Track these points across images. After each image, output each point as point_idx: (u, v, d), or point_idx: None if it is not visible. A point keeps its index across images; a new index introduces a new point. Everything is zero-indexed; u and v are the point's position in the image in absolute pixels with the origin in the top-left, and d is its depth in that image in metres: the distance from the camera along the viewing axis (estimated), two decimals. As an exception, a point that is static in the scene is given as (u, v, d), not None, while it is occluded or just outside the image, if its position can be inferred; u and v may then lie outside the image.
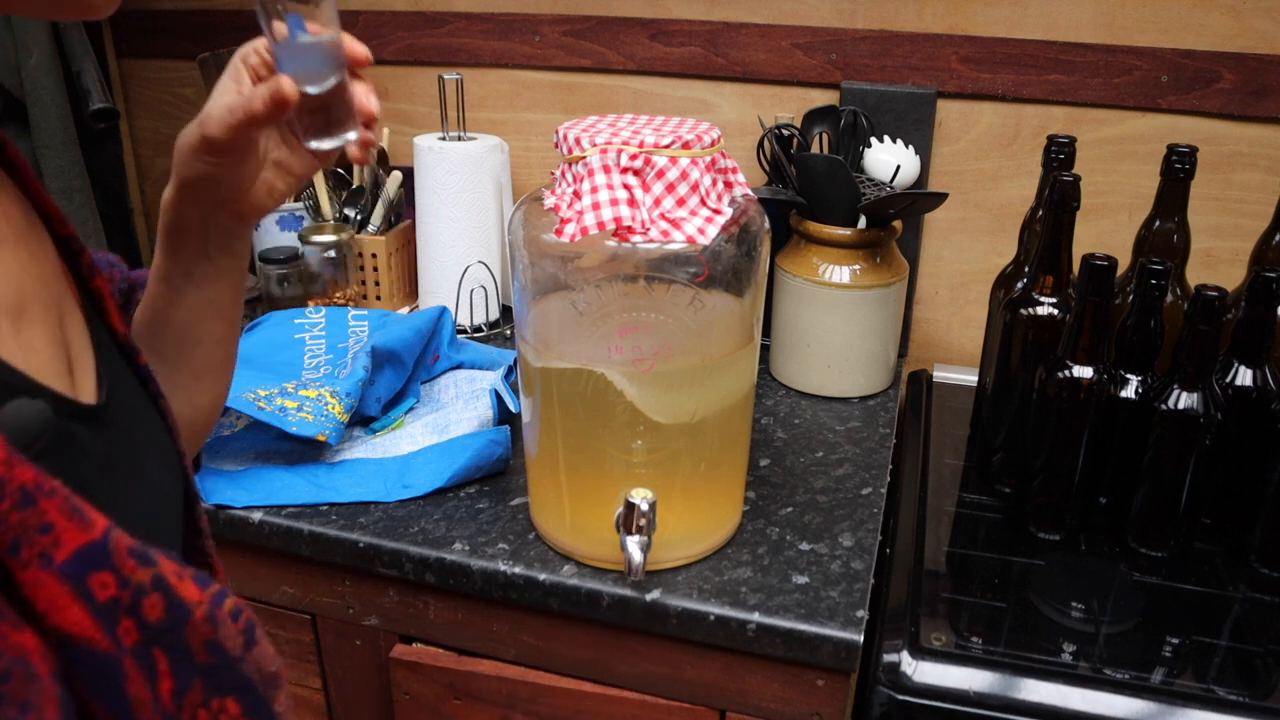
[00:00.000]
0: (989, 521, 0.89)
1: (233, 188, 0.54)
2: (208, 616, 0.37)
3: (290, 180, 0.57)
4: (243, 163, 0.53)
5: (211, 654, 0.37)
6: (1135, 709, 0.67)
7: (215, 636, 0.37)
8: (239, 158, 0.53)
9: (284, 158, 0.56)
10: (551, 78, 1.27)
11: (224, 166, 0.52)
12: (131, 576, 0.34)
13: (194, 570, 0.39)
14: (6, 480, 0.30)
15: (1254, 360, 0.80)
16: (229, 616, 0.38)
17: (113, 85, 1.42)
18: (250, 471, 0.87)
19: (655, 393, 0.71)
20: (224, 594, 0.39)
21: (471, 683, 0.83)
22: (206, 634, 0.37)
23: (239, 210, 0.56)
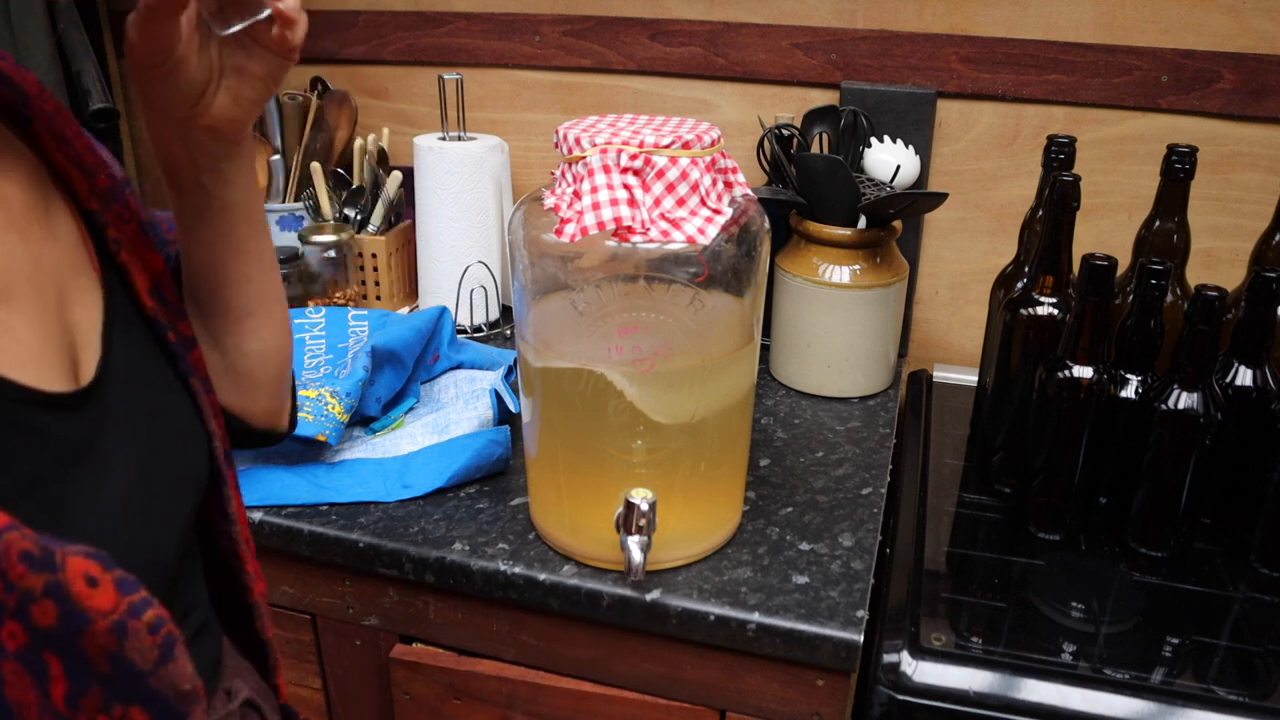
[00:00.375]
0: (989, 521, 0.89)
1: (189, 97, 0.50)
2: (113, 627, 0.36)
3: (257, 85, 0.52)
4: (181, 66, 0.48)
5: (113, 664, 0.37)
6: (1135, 709, 0.67)
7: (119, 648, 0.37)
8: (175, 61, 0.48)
9: (241, 61, 0.51)
10: (551, 78, 1.27)
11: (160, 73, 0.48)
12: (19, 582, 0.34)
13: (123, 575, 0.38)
14: None
15: (1254, 360, 0.80)
16: (145, 629, 0.38)
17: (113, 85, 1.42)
18: (250, 471, 0.87)
19: (655, 393, 0.71)
20: (145, 605, 0.38)
21: (471, 683, 0.83)
22: (108, 644, 0.36)
23: (211, 126, 0.52)
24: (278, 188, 1.27)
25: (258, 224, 0.59)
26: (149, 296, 0.51)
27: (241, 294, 0.59)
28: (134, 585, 0.38)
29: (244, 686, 0.58)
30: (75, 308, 0.47)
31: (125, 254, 0.50)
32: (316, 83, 1.29)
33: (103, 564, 0.37)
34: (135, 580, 0.39)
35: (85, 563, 0.36)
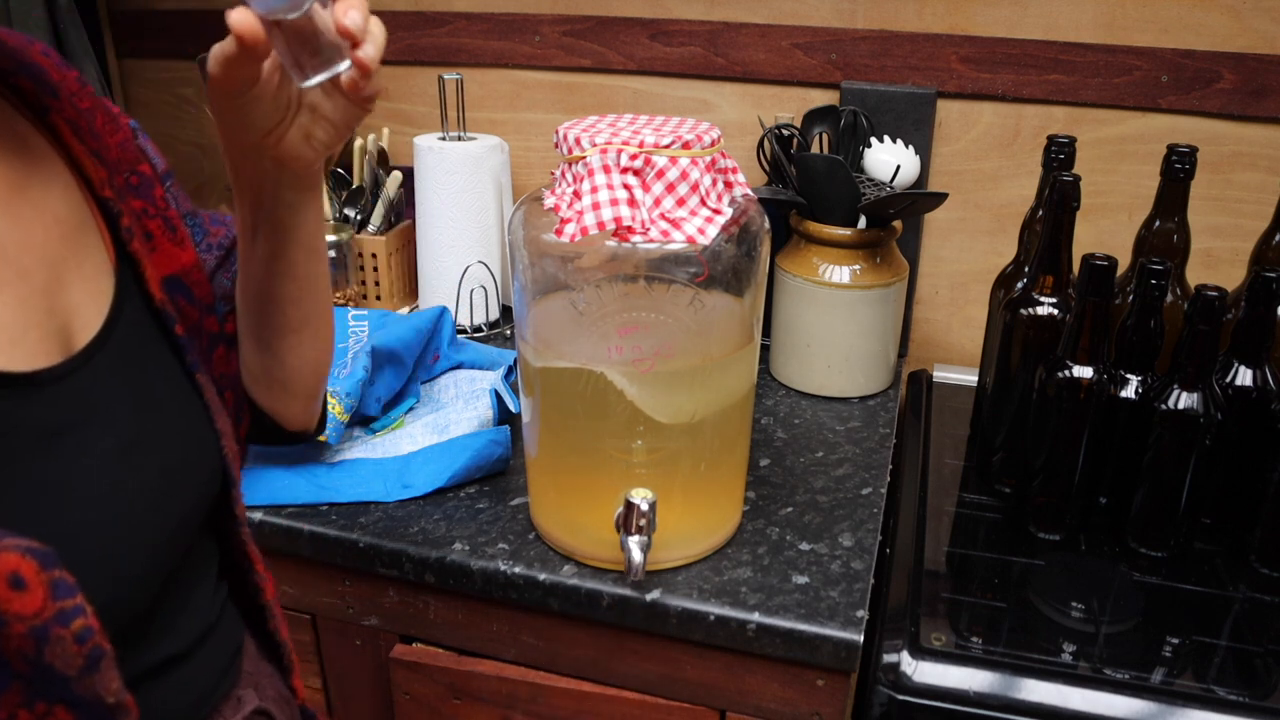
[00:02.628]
0: (989, 521, 0.89)
1: (261, 129, 0.52)
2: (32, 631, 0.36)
3: (329, 128, 0.54)
4: (259, 101, 0.51)
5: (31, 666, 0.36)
6: (1135, 709, 0.67)
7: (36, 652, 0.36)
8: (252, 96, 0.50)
9: (317, 102, 0.53)
10: (551, 78, 1.27)
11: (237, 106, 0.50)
12: None
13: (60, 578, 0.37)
14: None
15: (1254, 360, 0.80)
16: (72, 638, 0.37)
17: (113, 85, 1.42)
18: (250, 471, 0.87)
19: (655, 393, 0.71)
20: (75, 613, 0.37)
21: (471, 683, 0.83)
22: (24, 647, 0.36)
23: (278, 157, 0.54)
24: (278, 188, 1.27)
25: (314, 251, 0.59)
26: (159, 289, 0.51)
27: (289, 313, 0.60)
28: (70, 590, 0.38)
29: (254, 697, 0.57)
30: (73, 291, 0.46)
31: (137, 244, 0.51)
32: (316, 83, 1.29)
33: (40, 563, 0.37)
34: (74, 585, 0.38)
35: (19, 560, 0.36)
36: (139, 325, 0.50)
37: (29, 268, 0.44)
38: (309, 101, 0.53)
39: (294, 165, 0.54)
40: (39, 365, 0.43)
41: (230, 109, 0.50)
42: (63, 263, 0.46)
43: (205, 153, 1.47)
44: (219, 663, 0.55)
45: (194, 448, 0.52)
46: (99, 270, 0.49)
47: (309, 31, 0.48)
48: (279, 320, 0.60)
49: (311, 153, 0.54)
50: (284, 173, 0.55)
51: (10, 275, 0.43)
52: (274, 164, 0.54)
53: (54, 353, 0.44)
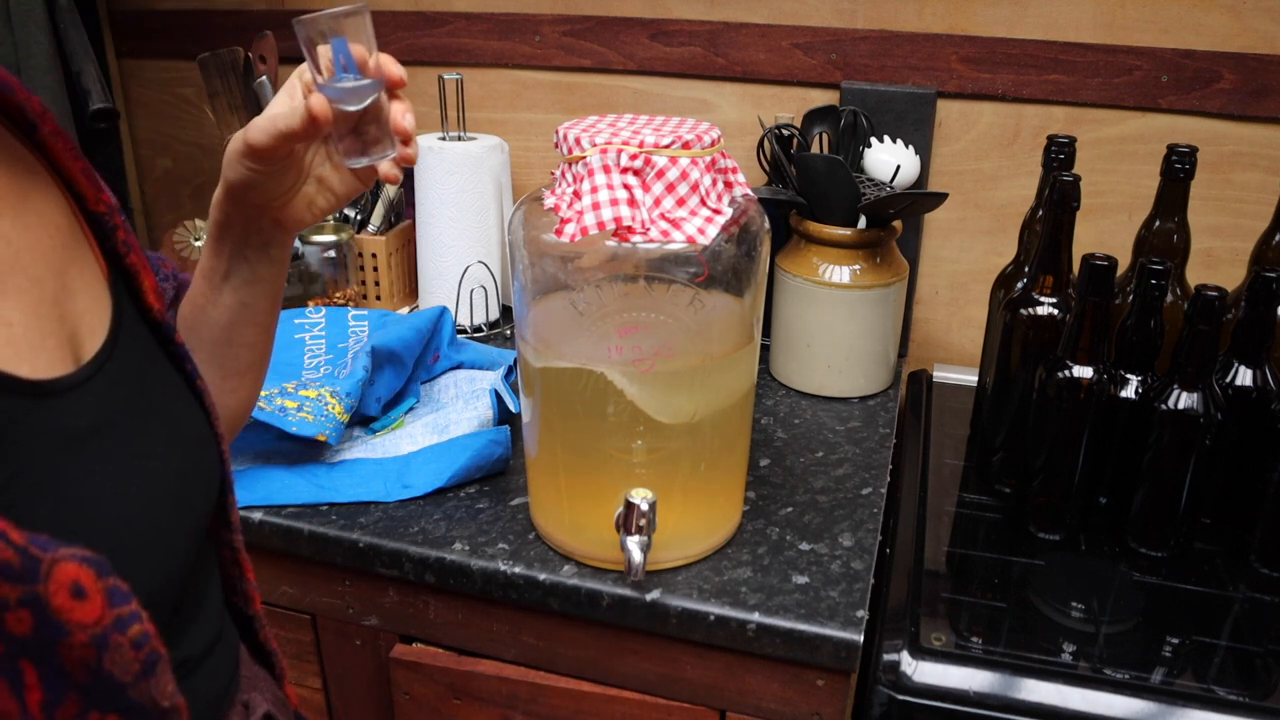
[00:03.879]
0: (989, 521, 0.89)
1: (273, 195, 0.57)
2: (93, 640, 0.36)
3: (330, 198, 0.59)
4: (284, 173, 0.56)
5: (91, 675, 0.37)
6: (1135, 709, 0.67)
7: (97, 660, 0.37)
8: (280, 167, 0.55)
9: (327, 174, 0.58)
10: (551, 78, 1.27)
11: (265, 174, 0.55)
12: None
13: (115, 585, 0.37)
14: None
15: (1254, 360, 0.80)
16: (130, 644, 0.38)
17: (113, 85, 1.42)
18: (250, 471, 0.87)
19: (655, 393, 0.71)
20: (132, 619, 0.38)
21: (471, 683, 0.83)
22: (86, 656, 0.36)
23: (278, 219, 0.58)
24: (278, 188, 1.27)
25: (278, 299, 0.64)
26: (155, 299, 0.52)
27: (242, 357, 0.63)
28: (125, 597, 0.38)
29: (262, 701, 0.58)
30: (79, 298, 0.47)
31: (134, 257, 0.51)
32: (316, 83, 1.29)
33: (97, 571, 0.37)
34: (128, 592, 0.38)
35: (77, 569, 0.36)
36: (138, 335, 0.50)
37: (41, 275, 0.45)
38: (317, 173, 0.58)
39: (291, 227, 0.59)
40: (58, 373, 0.43)
41: (251, 173, 0.55)
42: (67, 272, 0.47)
43: (205, 153, 1.47)
44: (227, 667, 0.55)
45: (200, 453, 0.52)
46: (96, 281, 0.49)
47: (366, 121, 0.55)
48: (231, 364, 0.63)
49: (310, 218, 0.59)
50: (277, 230, 0.59)
51: (26, 283, 0.44)
52: (272, 224, 0.59)
53: (67, 360, 0.44)
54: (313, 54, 0.53)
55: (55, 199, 0.49)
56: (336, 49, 0.52)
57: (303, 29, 0.52)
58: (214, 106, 1.27)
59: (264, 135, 0.53)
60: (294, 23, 0.52)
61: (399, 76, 0.55)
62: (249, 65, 1.26)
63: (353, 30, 0.52)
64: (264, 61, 1.24)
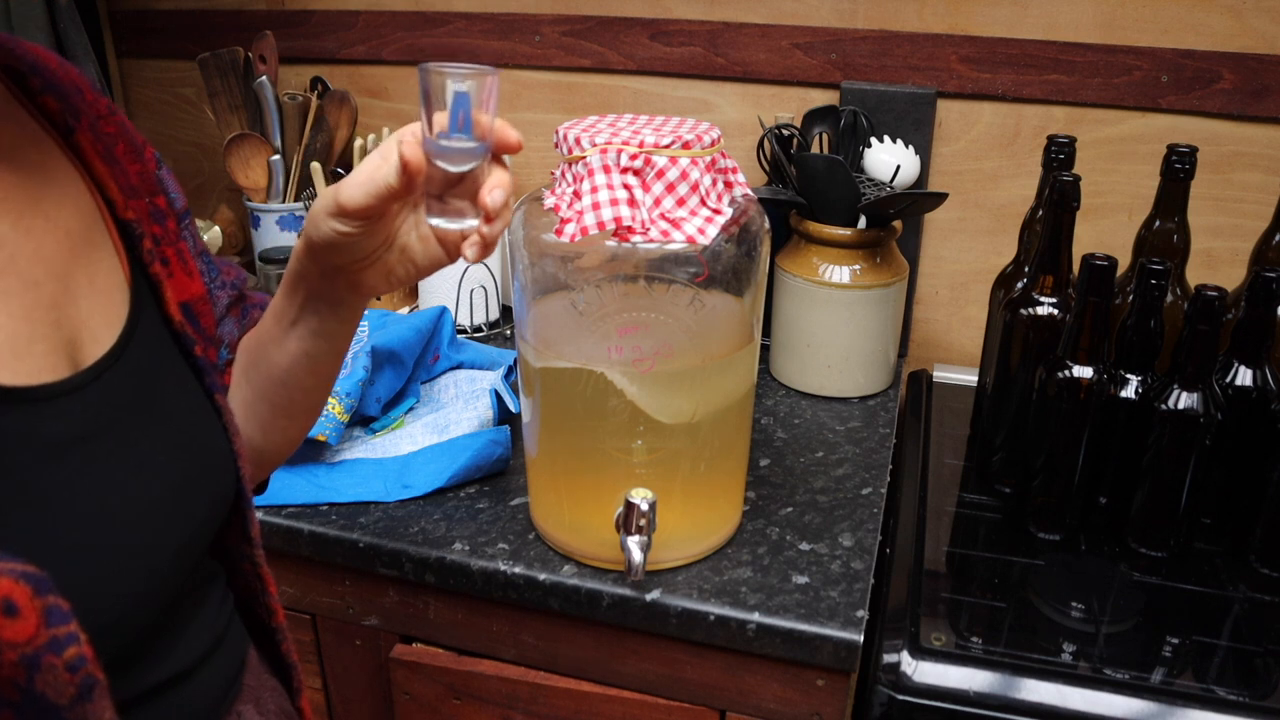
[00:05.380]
0: (989, 521, 0.89)
1: (354, 258, 0.55)
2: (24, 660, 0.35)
3: (411, 269, 0.57)
4: (370, 237, 0.54)
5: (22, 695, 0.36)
6: (1135, 709, 0.67)
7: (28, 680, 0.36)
8: (368, 231, 0.53)
9: (411, 244, 0.56)
10: (551, 78, 1.27)
11: (353, 236, 0.53)
12: None
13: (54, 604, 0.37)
14: None
15: (1254, 360, 0.80)
16: (64, 666, 0.37)
17: (113, 85, 1.42)
18: (250, 471, 0.87)
19: (655, 393, 0.71)
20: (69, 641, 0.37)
21: (471, 683, 0.83)
22: (16, 676, 0.35)
23: (355, 282, 0.57)
24: (278, 188, 1.27)
25: (343, 354, 0.62)
26: (178, 311, 0.52)
27: (298, 400, 0.62)
28: (64, 617, 0.37)
29: (254, 713, 0.57)
30: (82, 304, 0.47)
31: (158, 266, 0.51)
32: (316, 83, 1.29)
33: (34, 588, 0.36)
34: (68, 611, 0.37)
35: (10, 585, 0.35)
36: (156, 344, 0.50)
37: (39, 279, 0.44)
38: (401, 243, 0.56)
39: (366, 293, 0.58)
40: (44, 379, 0.42)
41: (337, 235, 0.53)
42: (72, 276, 0.46)
43: (205, 153, 1.47)
44: (222, 678, 0.55)
45: (209, 466, 0.52)
46: (112, 286, 0.49)
47: (459, 183, 0.52)
48: (285, 404, 0.62)
49: (387, 287, 0.57)
50: (351, 294, 0.58)
51: (18, 286, 0.43)
52: (347, 286, 0.57)
53: (60, 367, 0.44)
54: (429, 104, 0.49)
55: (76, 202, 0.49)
56: (458, 103, 0.49)
57: (427, 77, 0.49)
58: (214, 106, 1.27)
59: (359, 191, 0.51)
60: (420, 69, 0.49)
61: (516, 141, 0.52)
62: (249, 65, 1.26)
63: (478, 91, 0.49)
64: (264, 61, 1.24)
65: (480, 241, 0.53)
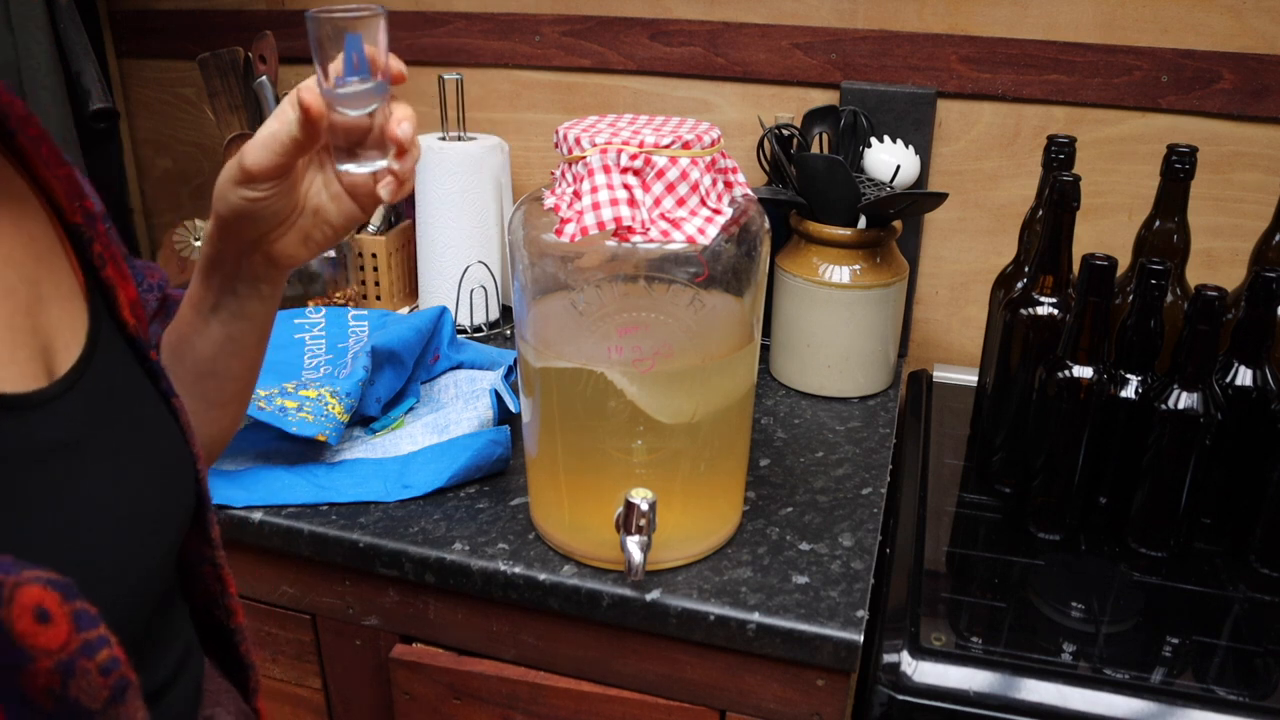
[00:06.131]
0: (989, 521, 0.89)
1: (267, 228, 0.54)
2: (59, 666, 0.35)
3: (327, 230, 0.57)
4: (281, 199, 0.53)
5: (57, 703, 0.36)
6: (1135, 709, 0.67)
7: (63, 687, 0.35)
8: (277, 194, 0.53)
9: (324, 205, 0.56)
10: (551, 78, 1.27)
11: (261, 202, 0.53)
12: None
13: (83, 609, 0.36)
14: None
15: (1254, 360, 0.80)
16: (97, 669, 0.37)
17: (113, 85, 1.42)
18: (250, 471, 0.87)
19: (655, 393, 0.71)
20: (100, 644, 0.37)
21: (471, 683, 0.83)
22: (51, 683, 0.35)
23: (271, 255, 0.56)
24: (278, 188, 1.27)
25: (267, 334, 0.61)
26: (130, 314, 0.51)
27: (226, 389, 0.62)
28: (93, 621, 0.37)
29: (224, 715, 0.57)
30: (52, 309, 0.46)
31: (110, 270, 0.50)
32: (316, 83, 1.29)
33: (63, 594, 0.36)
34: (96, 615, 0.37)
35: (41, 593, 0.35)
36: (115, 350, 0.49)
37: (13, 285, 0.43)
38: (313, 205, 0.56)
39: (285, 264, 0.57)
40: (29, 387, 0.42)
41: (246, 202, 0.52)
42: (40, 283, 0.45)
43: (205, 153, 1.47)
44: (192, 686, 0.54)
45: (176, 470, 0.51)
46: (72, 293, 0.48)
47: (364, 128, 0.52)
48: (216, 395, 0.61)
49: (305, 254, 0.57)
50: (270, 268, 0.57)
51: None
52: (264, 260, 0.57)
53: (40, 375, 0.43)
54: (322, 53, 0.50)
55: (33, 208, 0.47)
56: (350, 45, 0.50)
57: (315, 26, 0.50)
58: (214, 106, 1.27)
59: (263, 152, 0.51)
60: (307, 17, 0.49)
61: (399, 72, 0.53)
62: (249, 65, 1.26)
63: (368, 32, 0.50)
64: (264, 61, 1.24)
65: (394, 180, 0.53)
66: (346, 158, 0.53)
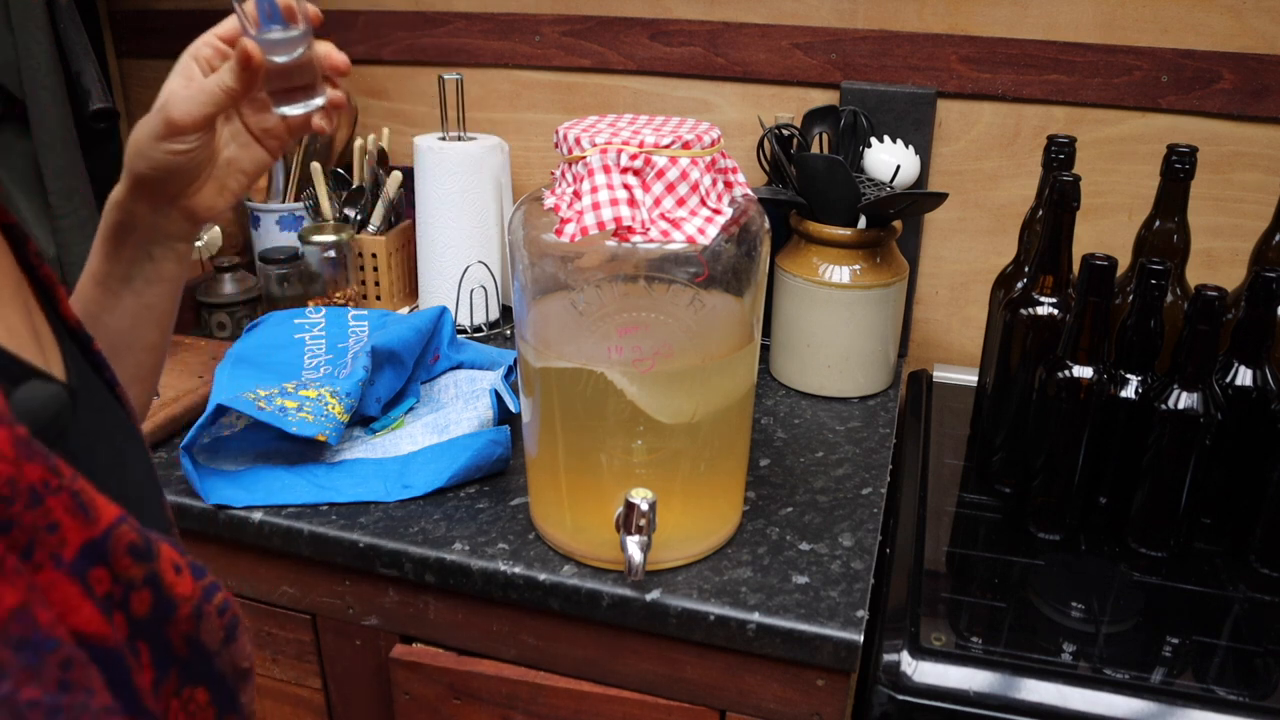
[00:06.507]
0: (989, 521, 0.89)
1: (186, 183, 0.56)
2: (193, 612, 0.37)
3: (241, 178, 0.58)
4: (203, 152, 0.55)
5: (190, 647, 0.38)
6: (1135, 709, 0.67)
7: (196, 631, 0.38)
8: (200, 146, 0.54)
9: (235, 154, 0.58)
10: (551, 78, 1.27)
11: (186, 155, 0.54)
12: (125, 573, 0.34)
13: (192, 560, 0.38)
14: (16, 479, 0.29)
15: (1254, 360, 0.80)
16: (215, 611, 0.39)
17: (113, 85, 1.42)
18: (250, 471, 0.87)
19: (655, 393, 0.71)
20: (215, 588, 0.39)
21: (471, 683, 0.83)
22: (188, 629, 0.37)
23: (190, 208, 0.57)
24: (278, 188, 1.27)
25: (179, 295, 0.62)
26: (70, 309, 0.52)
27: (144, 361, 0.62)
28: (202, 570, 0.39)
29: None
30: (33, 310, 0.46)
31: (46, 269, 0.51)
32: (316, 83, 1.29)
33: (179, 550, 0.38)
34: (203, 565, 0.39)
35: (169, 550, 0.37)
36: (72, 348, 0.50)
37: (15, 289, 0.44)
38: (226, 155, 0.57)
39: (202, 216, 0.58)
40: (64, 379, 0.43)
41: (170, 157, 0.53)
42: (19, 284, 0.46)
43: (205, 153, 1.47)
44: None
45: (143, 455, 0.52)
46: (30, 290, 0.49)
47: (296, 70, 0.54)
48: (131, 370, 0.61)
49: (223, 203, 0.58)
50: (187, 223, 0.58)
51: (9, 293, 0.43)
52: (182, 213, 0.57)
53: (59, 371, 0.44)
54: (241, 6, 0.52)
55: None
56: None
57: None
58: (214, 106, 1.27)
59: (193, 104, 0.52)
60: None
61: (316, 13, 0.55)
62: (249, 65, 1.26)
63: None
64: (264, 61, 1.24)
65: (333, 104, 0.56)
66: (285, 100, 0.55)
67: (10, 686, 0.26)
